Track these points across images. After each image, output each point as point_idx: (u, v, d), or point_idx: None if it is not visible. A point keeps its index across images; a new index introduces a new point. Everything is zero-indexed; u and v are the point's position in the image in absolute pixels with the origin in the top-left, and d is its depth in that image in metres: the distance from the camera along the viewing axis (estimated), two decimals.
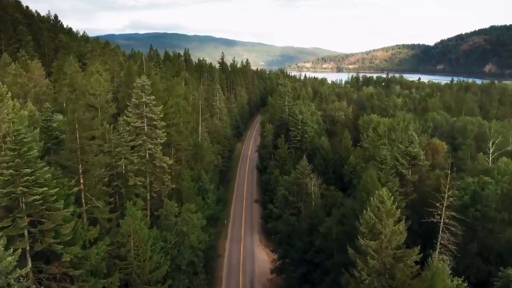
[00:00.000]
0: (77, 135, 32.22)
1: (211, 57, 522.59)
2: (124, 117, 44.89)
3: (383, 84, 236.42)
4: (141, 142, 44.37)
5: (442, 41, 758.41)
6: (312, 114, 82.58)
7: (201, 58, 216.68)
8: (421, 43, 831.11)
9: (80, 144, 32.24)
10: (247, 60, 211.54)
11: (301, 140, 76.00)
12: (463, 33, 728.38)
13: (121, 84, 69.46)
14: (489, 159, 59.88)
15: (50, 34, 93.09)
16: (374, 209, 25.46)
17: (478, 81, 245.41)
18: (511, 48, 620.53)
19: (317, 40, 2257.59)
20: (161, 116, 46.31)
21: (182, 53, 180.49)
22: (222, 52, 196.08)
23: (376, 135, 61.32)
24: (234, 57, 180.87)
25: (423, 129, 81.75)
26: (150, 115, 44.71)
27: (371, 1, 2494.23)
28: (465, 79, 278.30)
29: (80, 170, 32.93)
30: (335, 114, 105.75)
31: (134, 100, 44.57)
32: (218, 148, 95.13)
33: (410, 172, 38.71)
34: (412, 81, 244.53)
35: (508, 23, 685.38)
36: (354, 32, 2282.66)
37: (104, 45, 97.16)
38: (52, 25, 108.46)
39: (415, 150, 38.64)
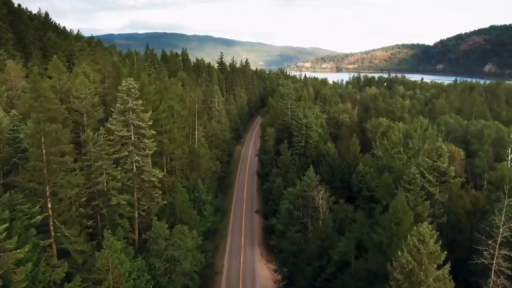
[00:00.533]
0: (43, 150, 26.43)
1: (211, 57, 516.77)
2: (108, 125, 39.09)
3: (385, 84, 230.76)
4: (127, 153, 38.58)
5: (441, 41, 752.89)
6: (316, 118, 76.82)
7: (200, 58, 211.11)
8: (420, 43, 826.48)
9: (47, 162, 26.43)
10: (247, 60, 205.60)
11: (305, 146, 70.22)
12: (463, 33, 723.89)
13: (111, 86, 63.62)
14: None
15: (38, 33, 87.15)
16: (412, 250, 19.78)
17: (480, 81, 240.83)
18: (511, 48, 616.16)
19: (317, 40, 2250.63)
20: (150, 123, 40.46)
21: (180, 53, 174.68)
22: (221, 52, 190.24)
23: (390, 142, 55.49)
24: (233, 57, 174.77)
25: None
26: (137, 122, 38.89)
27: (371, 1, 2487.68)
28: (468, 79, 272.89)
29: (48, 193, 27.14)
30: (339, 116, 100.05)
31: (119, 105, 38.74)
32: (216, 153, 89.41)
33: (438, 190, 33.00)
34: (415, 81, 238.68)
35: (508, 23, 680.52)
36: (353, 32, 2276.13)
37: (96, 43, 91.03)
38: (42, 23, 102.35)
39: (444, 165, 32.87)
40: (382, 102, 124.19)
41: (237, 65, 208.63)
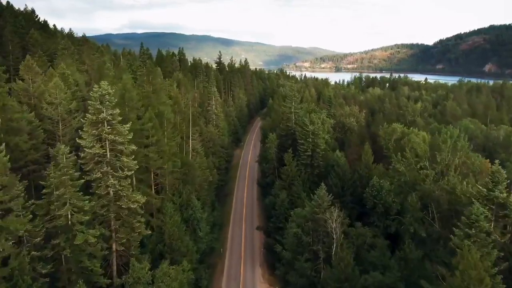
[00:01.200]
0: None
1: (209, 56, 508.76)
2: (77, 140, 31.46)
3: (387, 85, 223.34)
4: (100, 175, 30.98)
5: (441, 41, 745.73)
6: (322, 123, 69.28)
7: (197, 58, 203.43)
8: (420, 42, 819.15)
9: None
10: (246, 59, 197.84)
11: (312, 155, 62.61)
12: (462, 32, 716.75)
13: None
14: None
15: (19, 30, 79.37)
16: None
17: (483, 81, 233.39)
18: (510, 47, 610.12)
19: (316, 39, 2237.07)
20: (130, 137, 32.82)
21: (177, 52, 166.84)
22: (219, 51, 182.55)
23: (413, 154, 47.88)
24: (232, 56, 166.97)
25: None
26: (113, 137, 31.28)
27: (371, 1, 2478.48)
28: (472, 79, 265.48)
29: None
30: (345, 120, 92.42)
31: (90, 116, 31.12)
32: (213, 161, 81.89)
33: (492, 226, 25.61)
34: (418, 82, 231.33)
35: (507, 23, 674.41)
36: (352, 32, 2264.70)
37: (82, 41, 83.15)
38: (27, 20, 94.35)
39: (503, 195, 25.44)
40: (389, 104, 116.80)
41: (236, 65, 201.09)
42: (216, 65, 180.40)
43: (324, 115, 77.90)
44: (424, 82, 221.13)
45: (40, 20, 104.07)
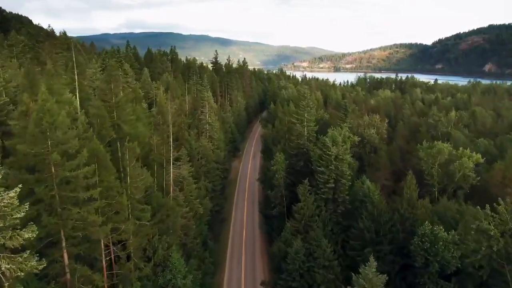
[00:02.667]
0: None
1: (207, 56, 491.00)
2: None
3: (394, 85, 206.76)
4: None
5: (440, 40, 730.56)
6: (344, 140, 52.85)
7: (191, 58, 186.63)
8: (418, 42, 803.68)
9: None
10: (244, 59, 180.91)
11: (335, 187, 46.13)
12: (462, 32, 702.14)
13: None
14: None
15: None
16: None
17: (486, 81, 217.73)
18: (510, 47, 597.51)
19: (314, 39, 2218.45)
20: (24, 211, 16.23)
21: (169, 51, 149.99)
22: (216, 51, 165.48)
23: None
24: (229, 56, 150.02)
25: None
26: None
27: (369, 1, 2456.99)
28: (482, 80, 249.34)
29: None
30: (364, 132, 76.00)
31: None
32: (205, 184, 65.34)
33: None
34: (427, 83, 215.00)
35: (507, 22, 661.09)
36: (350, 32, 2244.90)
37: (47, 34, 66.15)
38: None
39: None
40: (408, 110, 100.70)
41: (234, 65, 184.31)
42: (212, 65, 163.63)
43: (345, 130, 61.09)
44: (433, 83, 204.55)
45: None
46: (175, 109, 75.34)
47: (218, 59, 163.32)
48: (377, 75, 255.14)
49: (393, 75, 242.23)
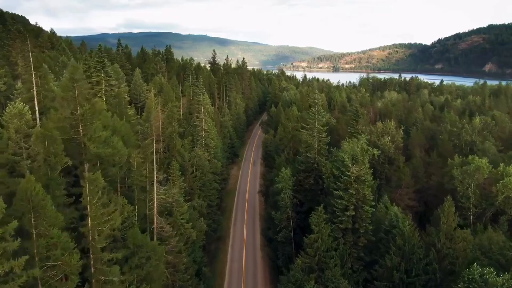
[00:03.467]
0: None
1: (206, 56, 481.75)
2: None
3: (398, 87, 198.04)
4: None
5: (439, 40, 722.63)
6: (363, 155, 44.12)
7: (189, 57, 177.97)
8: (418, 42, 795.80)
9: None
10: (243, 59, 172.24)
11: (355, 215, 37.59)
12: (461, 32, 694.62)
13: None
14: None
15: None
16: None
17: (502, 83, 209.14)
18: (511, 47, 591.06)
19: (312, 39, 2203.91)
20: None
21: (164, 51, 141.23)
22: (214, 50, 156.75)
23: None
24: (227, 55, 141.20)
25: None
26: None
27: (367, 0, 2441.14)
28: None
29: None
30: (378, 140, 67.44)
31: None
32: (200, 203, 56.73)
33: None
34: (432, 84, 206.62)
35: (506, 22, 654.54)
36: (349, 32, 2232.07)
37: (19, 31, 56.90)
38: None
39: None
40: (422, 114, 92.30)
41: (233, 66, 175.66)
42: (209, 65, 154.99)
43: (363, 142, 52.45)
44: (439, 84, 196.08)
45: None
46: (166, 115, 66.90)
47: (216, 59, 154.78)
48: (380, 76, 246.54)
49: (394, 75, 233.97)
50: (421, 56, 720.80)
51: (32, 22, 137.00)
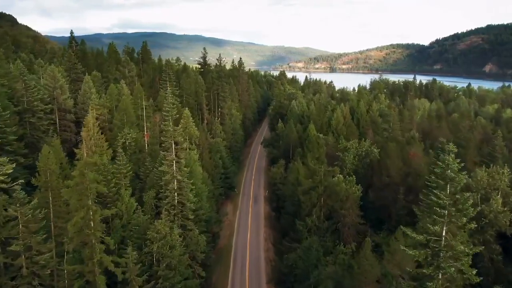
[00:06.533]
0: None
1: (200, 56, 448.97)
2: None
3: (418, 91, 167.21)
4: None
5: (437, 41, 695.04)
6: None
7: (174, 58, 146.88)
8: (415, 42, 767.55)
9: None
10: (240, 59, 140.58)
11: None
12: (459, 32, 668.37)
13: None
14: None
15: None
16: None
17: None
18: (511, 47, 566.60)
19: (308, 39, 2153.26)
20: None
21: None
22: (204, 48, 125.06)
23: None
24: (219, 55, 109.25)
25: None
26: None
27: (363, 0, 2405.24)
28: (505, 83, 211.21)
29: None
30: (481, 204, 37.12)
31: None
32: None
33: None
34: (454, 88, 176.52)
35: (505, 22, 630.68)
36: (345, 32, 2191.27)
37: None
38: None
39: None
40: (502, 141, 61.73)
41: (227, 66, 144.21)
42: (199, 66, 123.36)
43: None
44: (465, 88, 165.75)
45: None
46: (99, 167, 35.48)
47: (207, 60, 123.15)
48: (392, 78, 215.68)
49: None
50: (419, 57, 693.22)
51: (29, 22, 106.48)
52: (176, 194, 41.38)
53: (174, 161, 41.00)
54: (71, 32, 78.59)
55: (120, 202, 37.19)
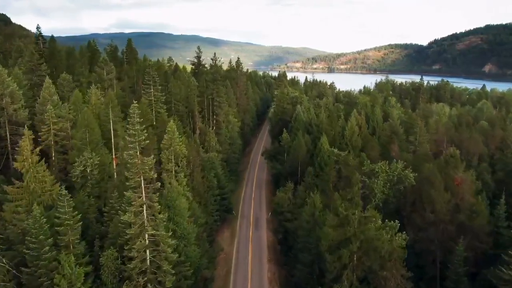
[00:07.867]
0: None
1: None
2: None
3: (421, 95, 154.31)
4: None
5: (436, 41, 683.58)
6: None
7: (166, 58, 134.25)
8: (413, 42, 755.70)
9: None
10: (238, 59, 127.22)
11: None
12: (458, 32, 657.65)
13: None
14: None
15: None
16: None
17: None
18: (510, 47, 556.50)
19: (306, 39, 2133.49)
20: None
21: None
22: (198, 47, 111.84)
23: None
24: (214, 54, 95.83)
25: None
26: None
27: (361, 0, 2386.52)
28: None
29: None
30: None
31: None
32: None
33: None
34: (465, 89, 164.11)
35: (504, 22, 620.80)
36: (343, 32, 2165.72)
37: None
38: None
39: None
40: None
41: (224, 67, 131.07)
42: (193, 67, 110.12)
43: None
44: (479, 89, 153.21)
45: None
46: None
47: (203, 60, 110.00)
48: (398, 79, 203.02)
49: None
50: (417, 57, 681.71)
51: (25, 23, 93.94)
52: (147, 253, 28.26)
53: (145, 207, 27.88)
54: (37, 27, 65.05)
55: (60, 274, 24.12)
